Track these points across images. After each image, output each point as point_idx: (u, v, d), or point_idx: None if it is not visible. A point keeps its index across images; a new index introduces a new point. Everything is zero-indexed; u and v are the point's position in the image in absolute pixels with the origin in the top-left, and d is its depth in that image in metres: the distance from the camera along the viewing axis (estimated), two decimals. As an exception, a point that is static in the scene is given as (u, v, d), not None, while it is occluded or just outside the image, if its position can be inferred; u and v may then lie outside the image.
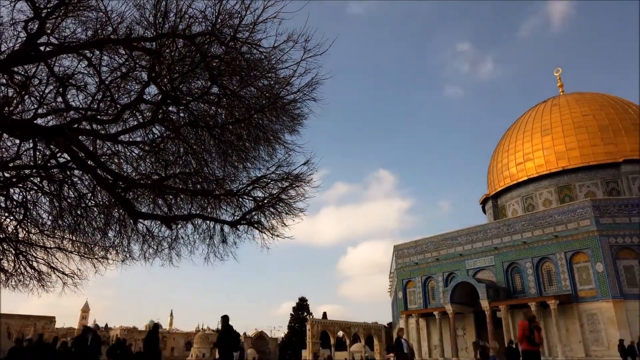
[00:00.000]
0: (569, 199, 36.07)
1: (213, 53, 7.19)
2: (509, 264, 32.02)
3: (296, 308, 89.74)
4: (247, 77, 7.45)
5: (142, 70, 7.74)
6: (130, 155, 9.07)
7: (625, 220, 27.95)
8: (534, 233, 31.05)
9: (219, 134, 8.34)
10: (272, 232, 9.58)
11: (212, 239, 9.94)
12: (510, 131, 44.02)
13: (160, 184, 8.65)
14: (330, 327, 67.13)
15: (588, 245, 28.12)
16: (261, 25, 6.83)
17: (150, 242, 10.00)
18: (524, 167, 39.72)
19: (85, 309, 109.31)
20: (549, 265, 30.08)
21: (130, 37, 7.01)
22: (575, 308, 27.89)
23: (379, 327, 73.15)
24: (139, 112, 8.45)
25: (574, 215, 29.26)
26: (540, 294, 29.69)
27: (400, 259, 39.75)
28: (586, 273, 28.09)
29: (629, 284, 26.69)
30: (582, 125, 37.61)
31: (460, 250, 35.03)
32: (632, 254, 27.29)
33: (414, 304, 38.00)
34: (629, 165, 35.33)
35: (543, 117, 40.39)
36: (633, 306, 26.12)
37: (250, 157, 9.17)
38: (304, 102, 8.22)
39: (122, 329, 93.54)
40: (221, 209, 9.82)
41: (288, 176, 9.16)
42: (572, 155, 37.12)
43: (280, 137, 8.89)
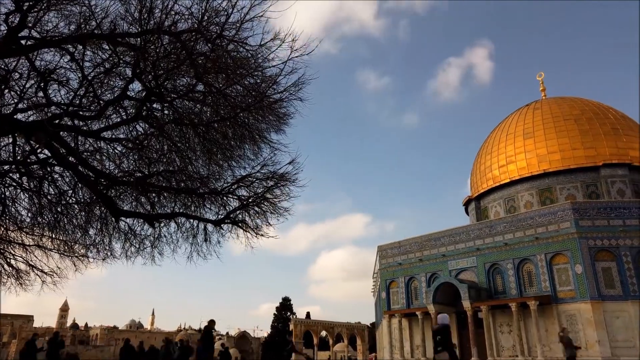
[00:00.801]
0: (549, 201, 36.66)
1: (199, 50, 7.14)
2: (490, 265, 32.43)
3: (279, 308, 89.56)
4: (233, 75, 7.41)
5: (126, 66, 7.65)
6: (112, 152, 8.95)
7: (604, 223, 28.52)
8: (516, 234, 31.49)
9: (203, 132, 8.28)
10: (256, 232, 9.54)
11: (195, 237, 9.86)
12: (493, 134, 44.57)
13: (143, 181, 8.54)
14: (314, 327, 67.18)
15: (568, 247, 28.63)
16: (248, 24, 6.81)
17: (132, 240, 9.88)
18: (507, 170, 40.25)
19: (64, 307, 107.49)
20: (530, 266, 30.54)
21: (114, 32, 6.91)
22: (554, 309, 28.36)
23: (362, 327, 73.43)
24: (123, 108, 8.34)
25: (555, 218, 29.76)
26: (520, 295, 30.12)
27: (384, 259, 39.94)
28: (565, 274, 28.59)
29: (607, 286, 27.24)
30: (564, 129, 38.27)
31: (444, 251, 35.35)
32: (610, 256, 27.86)
33: (397, 304, 38.22)
34: (608, 169, 36.06)
35: (525, 121, 40.98)
36: (610, 307, 26.66)
37: (236, 156, 9.12)
38: (290, 102, 8.22)
39: (103, 328, 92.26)
40: (205, 207, 9.75)
41: (273, 175, 9.13)
42: (553, 158, 37.74)
43: (265, 136, 8.87)
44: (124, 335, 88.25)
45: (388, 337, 37.68)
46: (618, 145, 36.93)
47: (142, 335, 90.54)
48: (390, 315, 37.09)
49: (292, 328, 64.43)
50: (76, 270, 11.19)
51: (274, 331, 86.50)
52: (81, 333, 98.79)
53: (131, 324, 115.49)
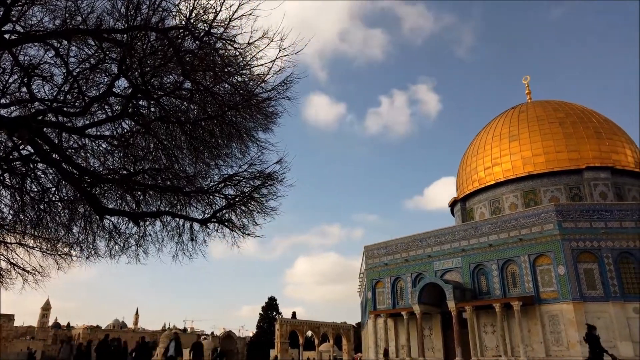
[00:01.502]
0: (533, 203, 37.15)
1: (186, 48, 7.08)
2: (475, 266, 32.74)
3: (265, 308, 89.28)
4: (221, 73, 7.36)
5: (112, 62, 7.55)
6: (97, 149, 8.83)
7: (587, 225, 28.99)
8: (500, 236, 31.85)
9: (190, 130, 8.22)
10: (243, 231, 9.50)
11: (181, 236, 9.78)
12: (479, 136, 45.02)
13: (129, 179, 8.45)
14: (300, 327, 67.13)
15: (551, 248, 29.04)
16: (236, 22, 6.77)
17: (116, 238, 9.76)
18: (492, 172, 40.68)
19: (46, 306, 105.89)
20: (514, 267, 30.91)
21: (100, 28, 6.82)
22: (537, 309, 28.75)
23: (347, 327, 73.58)
24: (108, 105, 8.24)
25: (538, 219, 30.16)
26: (504, 295, 30.47)
27: (370, 259, 40.08)
28: (548, 275, 28.99)
29: (589, 287, 27.70)
30: (548, 132, 38.81)
31: (429, 252, 35.60)
32: (592, 257, 28.33)
33: (382, 304, 38.38)
34: (590, 172, 36.67)
35: (511, 123, 41.47)
36: (592, 308, 27.11)
37: (223, 155, 9.06)
38: (279, 100, 8.19)
39: (85, 327, 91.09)
40: (191, 206, 9.68)
41: (260, 174, 9.10)
42: (537, 161, 38.25)
43: (253, 135, 8.82)
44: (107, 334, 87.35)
45: (374, 336, 37.83)
46: (601, 148, 37.57)
47: (125, 334, 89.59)
48: (376, 315, 37.24)
49: (277, 328, 64.28)
50: (59, 268, 11.04)
51: (260, 331, 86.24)
52: (63, 332, 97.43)
53: (114, 323, 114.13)
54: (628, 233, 28.41)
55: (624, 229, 28.52)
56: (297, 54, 7.14)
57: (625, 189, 37.08)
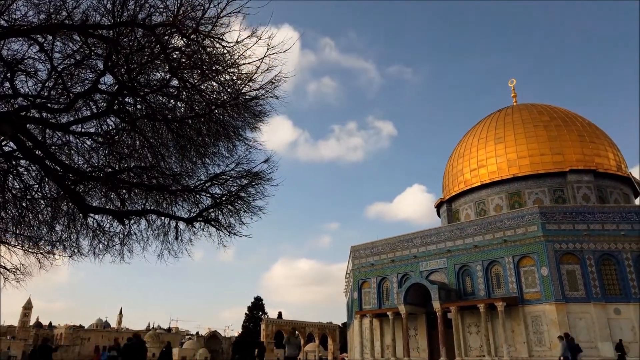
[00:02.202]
0: (518, 205, 37.59)
1: (174, 45, 7.02)
2: (460, 267, 33.01)
3: (251, 308, 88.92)
4: (209, 71, 7.32)
5: (98, 58, 7.45)
6: (82, 146, 8.71)
7: (570, 227, 29.42)
8: (485, 237, 32.16)
9: (177, 128, 8.15)
10: (229, 230, 9.46)
11: (166, 235, 9.71)
12: (465, 138, 45.41)
13: (114, 177, 8.36)
14: (285, 326, 67.03)
15: (534, 250, 29.41)
16: (224, 19, 6.74)
17: (100, 237, 9.65)
18: (478, 173, 41.07)
19: (28, 305, 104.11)
20: (498, 268, 31.24)
21: (86, 23, 6.73)
22: (520, 310, 29.10)
23: (333, 327, 73.71)
24: (93, 101, 8.13)
25: (523, 221, 30.53)
26: (488, 296, 30.77)
27: (356, 259, 40.18)
28: (532, 276, 29.37)
29: (571, 288, 28.11)
30: (533, 135, 39.31)
31: (415, 252, 35.81)
32: (574, 259, 28.76)
33: (368, 305, 38.50)
34: (574, 175, 37.22)
35: (497, 126, 41.91)
36: (574, 309, 27.52)
37: (209, 153, 9.01)
38: (266, 99, 8.17)
39: (68, 327, 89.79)
40: (177, 205, 9.61)
41: (248, 174, 9.08)
42: (522, 163, 38.72)
43: (241, 134, 8.79)
44: (90, 334, 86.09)
45: (359, 337, 37.92)
46: (584, 152, 38.17)
47: (108, 334, 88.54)
48: (362, 315, 37.34)
49: (263, 328, 64.13)
50: (41, 267, 10.87)
51: (245, 331, 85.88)
52: (45, 332, 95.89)
53: (97, 323, 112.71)
54: (609, 235, 28.90)
55: (605, 231, 29.01)
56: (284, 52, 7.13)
57: (608, 192, 37.73)
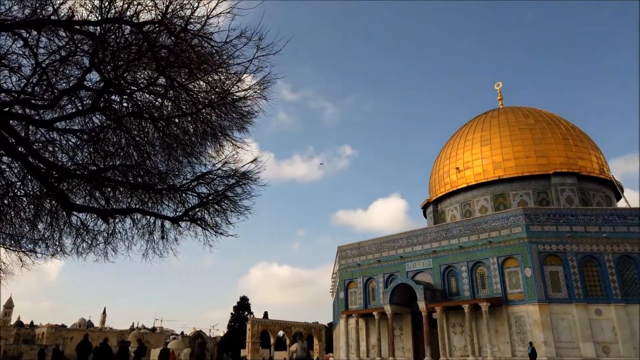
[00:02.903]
0: (503, 206, 38.03)
1: (162, 43, 6.96)
2: (446, 267, 33.29)
3: (237, 307, 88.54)
4: (197, 71, 7.27)
5: (84, 55, 7.35)
6: (66, 143, 8.59)
7: (553, 228, 29.86)
8: (470, 238, 32.48)
9: (164, 127, 8.09)
10: (215, 230, 9.42)
11: (151, 234, 9.63)
12: (452, 139, 45.80)
13: (98, 175, 8.26)
14: (271, 326, 66.97)
15: (518, 251, 29.79)
16: (214, 19, 6.70)
17: (84, 235, 9.53)
18: (464, 175, 41.45)
19: (9, 304, 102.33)
20: (483, 269, 31.57)
21: (72, 19, 6.64)
22: (504, 310, 29.45)
23: (319, 327, 73.83)
24: (78, 98, 8.02)
25: (507, 223, 30.89)
26: (473, 297, 31.08)
27: (343, 259, 40.27)
28: (516, 277, 29.74)
29: (554, 289, 28.54)
30: (518, 138, 39.80)
31: (401, 253, 36.01)
32: (557, 260, 29.19)
33: (354, 304, 38.62)
34: (558, 177, 37.78)
35: (483, 128, 42.34)
36: (556, 309, 27.95)
37: (196, 152, 8.97)
38: (255, 100, 8.15)
39: (50, 326, 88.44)
40: (163, 204, 9.54)
41: (235, 173, 9.04)
42: (507, 165, 39.18)
43: (228, 134, 8.75)
44: (73, 334, 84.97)
45: (345, 336, 38.02)
46: (568, 155, 38.76)
47: (92, 334, 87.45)
48: (348, 315, 37.44)
49: (249, 328, 63.94)
50: (22, 265, 10.71)
51: (231, 331, 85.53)
52: (26, 332, 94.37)
53: (81, 322, 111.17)
54: (592, 237, 29.39)
55: (588, 233, 29.50)
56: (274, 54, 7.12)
57: (590, 195, 38.37)
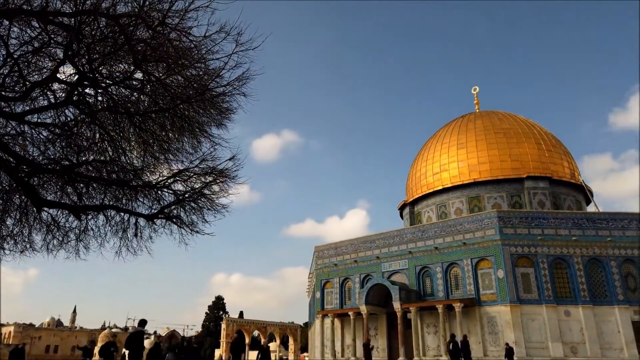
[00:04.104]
0: (477, 209, 38.71)
1: (139, 36, 6.84)
2: (421, 268, 33.68)
3: (212, 307, 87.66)
4: (175, 65, 7.17)
5: (58, 47, 7.17)
6: (37, 137, 8.36)
7: (525, 231, 30.54)
8: (445, 239, 32.93)
9: (140, 122, 7.95)
10: (191, 228, 9.31)
11: (125, 232, 9.45)
12: (429, 142, 46.39)
13: (71, 170, 8.06)
14: (246, 326, 66.58)
15: (492, 253, 30.36)
16: (192, 13, 6.62)
17: (55, 232, 9.28)
18: (440, 177, 42.03)
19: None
20: (457, 270, 32.06)
21: (46, 9, 6.46)
22: (477, 311, 29.96)
23: (295, 326, 73.74)
24: (51, 91, 7.82)
25: (481, 225, 31.45)
26: (447, 297, 31.52)
27: (320, 259, 40.32)
28: (489, 279, 30.30)
29: (525, 290, 29.19)
30: (494, 142, 40.59)
31: (378, 253, 36.26)
32: (529, 262, 29.87)
33: (330, 304, 38.71)
34: (531, 181, 38.68)
35: (460, 132, 43.03)
36: (527, 310, 28.59)
37: (173, 149, 8.84)
38: (234, 96, 8.08)
39: (17, 325, 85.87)
40: (138, 201, 9.37)
41: (212, 171, 8.96)
42: (483, 168, 39.90)
43: (206, 130, 8.66)
44: (41, 333, 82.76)
45: (320, 336, 38.06)
46: (541, 159, 39.72)
47: (61, 333, 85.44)
48: (324, 315, 37.49)
49: (223, 327, 63.39)
50: (-11, 262, 10.33)
51: (205, 330, 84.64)
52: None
53: (50, 321, 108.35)
54: (562, 240, 30.17)
55: (558, 235, 30.27)
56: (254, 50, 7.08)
57: (562, 198, 39.41)
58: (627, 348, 27.36)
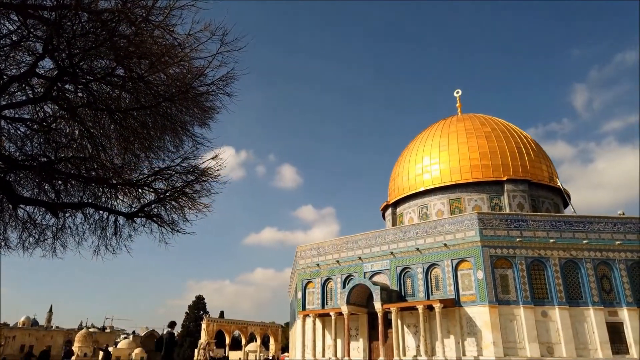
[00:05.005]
0: (458, 210, 39.17)
1: (121, 32, 6.75)
2: (402, 269, 33.93)
3: (192, 307, 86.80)
4: (158, 63, 7.09)
5: (37, 41, 7.03)
6: (15, 132, 8.17)
7: (504, 233, 31.03)
8: (426, 240, 33.25)
9: (121, 119, 7.85)
10: (172, 227, 9.23)
11: (104, 230, 9.32)
12: (412, 144, 46.79)
13: (49, 167, 7.91)
14: (227, 326, 66.18)
15: (472, 254, 30.76)
16: (177, 11, 6.56)
17: (31, 230, 9.10)
18: (422, 179, 42.42)
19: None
20: (437, 271, 32.39)
21: (25, 2, 6.33)
22: (457, 311, 30.32)
23: (276, 326, 73.56)
24: (30, 86, 7.66)
25: (462, 226, 31.84)
26: (428, 298, 31.82)
27: (302, 259, 40.30)
28: (468, 279, 30.69)
29: (503, 291, 29.65)
30: (475, 145, 41.14)
31: (360, 254, 36.41)
32: (507, 263, 30.35)
33: (312, 305, 38.71)
34: (510, 184, 39.32)
35: (442, 134, 43.50)
36: (505, 311, 29.04)
37: (154, 147, 8.74)
38: (217, 96, 8.04)
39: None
40: (117, 199, 9.25)
41: (194, 169, 8.89)
42: (464, 171, 40.41)
43: (188, 129, 8.59)
44: (15, 333, 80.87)
45: (301, 337, 38.04)
46: (521, 162, 40.39)
47: (37, 332, 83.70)
48: (305, 315, 37.48)
49: (204, 327, 62.88)
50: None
51: (186, 330, 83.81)
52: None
53: (25, 320, 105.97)
54: (540, 242, 30.74)
55: (536, 238, 30.83)
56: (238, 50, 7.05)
57: (540, 201, 40.16)
58: (602, 348, 28.04)
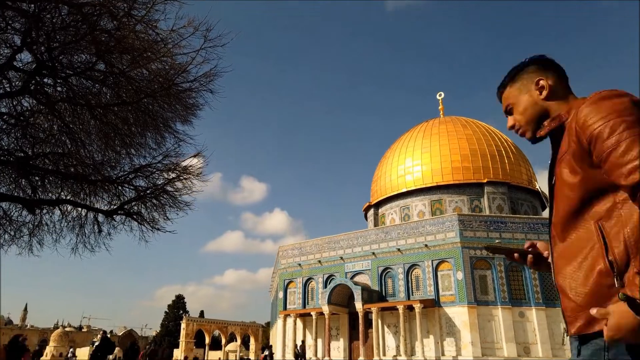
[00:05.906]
0: (439, 212, 39.56)
1: (103, 27, 6.64)
2: (383, 269, 34.12)
3: (172, 306, 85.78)
4: (140, 58, 7.00)
5: (16, 33, 6.87)
6: (-10, 127, 7.97)
7: (484, 234, 31.47)
8: (407, 241, 33.51)
9: (101, 115, 7.72)
10: (152, 225, 9.11)
11: (82, 227, 9.15)
12: (394, 145, 47.10)
13: (26, 162, 7.73)
14: (207, 325, 65.61)
15: (452, 255, 31.12)
16: (160, 6, 6.49)
17: (6, 226, 8.89)
18: (404, 180, 42.74)
19: None
20: (418, 271, 32.66)
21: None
22: (436, 312, 30.63)
23: (256, 326, 73.21)
24: (7, 79, 7.48)
25: (442, 227, 32.18)
26: (408, 298, 32.07)
27: (284, 259, 40.20)
28: (448, 280, 31.03)
29: (482, 292, 30.07)
30: (456, 147, 41.60)
31: (341, 254, 36.50)
32: (486, 265, 30.79)
33: (293, 304, 38.65)
34: (490, 186, 39.89)
35: (424, 136, 43.90)
36: (484, 311, 29.46)
37: (135, 144, 8.62)
38: (200, 92, 7.97)
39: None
40: (97, 196, 9.09)
41: (176, 167, 8.80)
42: (445, 172, 40.84)
43: (170, 126, 8.50)
44: (-12, 333, 78.82)
45: (282, 336, 37.95)
46: (501, 165, 41.01)
47: (11, 332, 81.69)
48: (286, 315, 37.40)
49: (183, 327, 62.21)
50: None
51: (165, 330, 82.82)
52: None
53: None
54: (518, 244, 31.08)
55: (515, 239, 31.32)
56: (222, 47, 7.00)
57: (519, 204, 40.83)
58: (576, 348, 28.59)
